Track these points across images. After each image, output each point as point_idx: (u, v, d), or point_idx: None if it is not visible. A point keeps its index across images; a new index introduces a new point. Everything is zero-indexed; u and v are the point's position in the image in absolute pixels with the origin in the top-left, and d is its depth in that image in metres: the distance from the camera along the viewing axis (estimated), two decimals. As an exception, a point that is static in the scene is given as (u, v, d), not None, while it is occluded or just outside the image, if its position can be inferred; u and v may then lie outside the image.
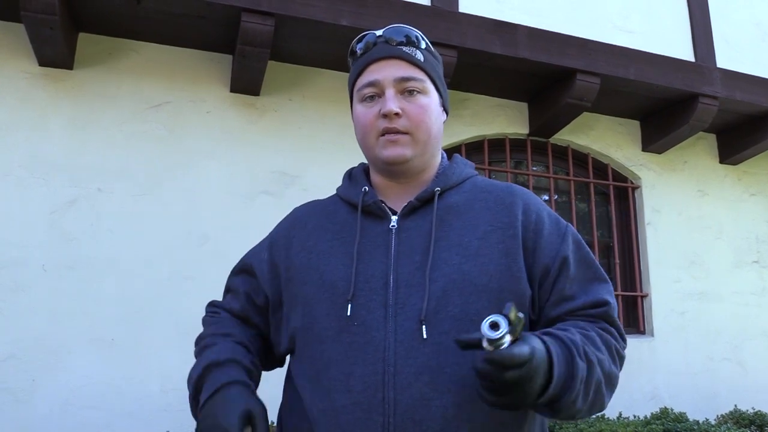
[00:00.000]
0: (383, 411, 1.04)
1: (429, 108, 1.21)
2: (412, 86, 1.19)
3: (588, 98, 4.05)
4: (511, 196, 1.22)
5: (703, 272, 4.66)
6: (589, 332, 1.11)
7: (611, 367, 1.10)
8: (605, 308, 1.15)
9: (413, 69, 1.20)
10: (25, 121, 3.40)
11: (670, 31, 4.57)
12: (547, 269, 1.15)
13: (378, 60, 1.21)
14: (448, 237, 1.15)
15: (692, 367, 4.45)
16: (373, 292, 1.12)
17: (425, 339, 1.07)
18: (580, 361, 1.02)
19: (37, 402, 3.15)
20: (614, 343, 1.13)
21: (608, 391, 1.11)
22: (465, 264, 1.12)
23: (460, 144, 4.28)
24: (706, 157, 4.93)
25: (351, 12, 3.48)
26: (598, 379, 1.06)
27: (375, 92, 1.20)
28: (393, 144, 1.19)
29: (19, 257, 3.25)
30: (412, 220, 1.19)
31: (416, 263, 1.13)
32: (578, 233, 1.25)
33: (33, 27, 3.17)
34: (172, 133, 3.63)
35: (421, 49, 1.23)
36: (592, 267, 1.20)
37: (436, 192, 1.20)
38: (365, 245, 1.18)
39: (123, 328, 3.32)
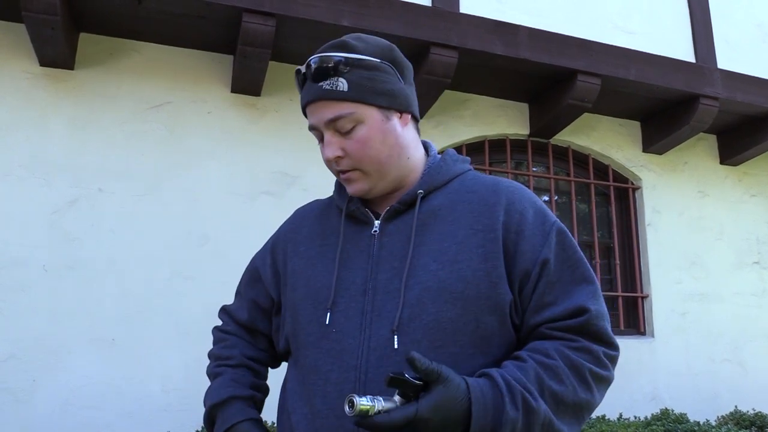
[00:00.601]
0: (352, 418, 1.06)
1: (369, 137, 1.14)
2: (342, 124, 1.14)
3: (589, 99, 4.05)
4: (495, 195, 1.18)
5: (703, 273, 4.66)
6: (551, 360, 1.06)
7: (577, 396, 1.06)
8: (585, 317, 1.09)
9: (339, 105, 1.13)
10: (26, 121, 3.41)
11: (670, 31, 4.57)
12: (527, 273, 1.12)
13: (308, 104, 1.17)
14: (428, 242, 1.14)
15: (693, 368, 4.45)
16: (352, 300, 1.13)
17: (396, 349, 1.07)
18: (512, 409, 1.00)
19: (37, 402, 3.15)
20: (588, 366, 1.08)
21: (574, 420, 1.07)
22: (441, 271, 1.10)
23: (461, 144, 4.28)
24: (706, 158, 4.93)
25: (352, 12, 3.48)
26: (546, 421, 1.02)
27: (319, 135, 1.18)
28: (348, 182, 1.19)
29: (20, 257, 3.25)
30: (394, 224, 1.18)
31: (395, 269, 1.13)
32: (567, 230, 1.19)
33: (34, 27, 3.17)
34: (173, 134, 3.63)
35: (346, 73, 1.12)
36: (576, 268, 1.14)
37: (418, 195, 1.18)
38: (349, 251, 1.19)
39: (123, 328, 3.33)
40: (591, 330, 1.10)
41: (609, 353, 1.11)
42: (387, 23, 3.50)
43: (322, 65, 1.13)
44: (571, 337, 1.09)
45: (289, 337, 1.22)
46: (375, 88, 1.15)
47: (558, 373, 1.05)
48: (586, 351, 1.09)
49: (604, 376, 1.10)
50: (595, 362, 1.09)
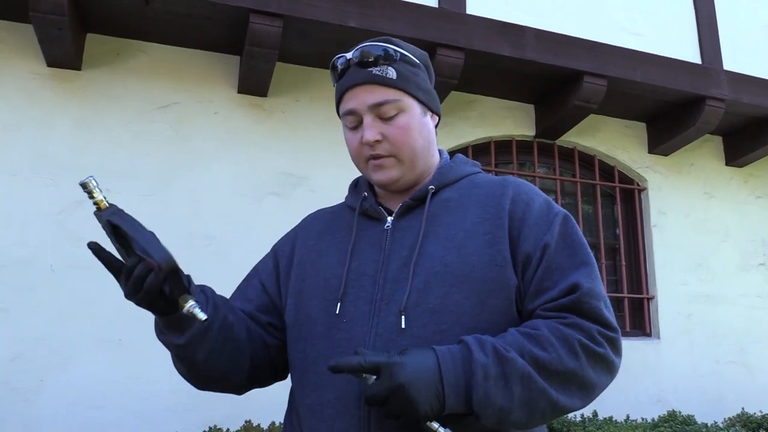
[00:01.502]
0: (360, 405, 1.07)
1: (409, 126, 1.20)
2: (387, 110, 1.18)
3: (595, 100, 4.05)
4: (502, 187, 1.22)
5: (709, 275, 4.65)
6: (536, 331, 1.06)
7: (563, 365, 1.04)
8: (577, 294, 1.08)
9: (387, 91, 1.18)
10: (33, 121, 3.41)
11: (676, 33, 4.56)
12: (528, 258, 1.13)
13: (352, 87, 1.20)
14: (437, 232, 1.17)
15: (698, 370, 4.44)
16: (362, 290, 1.16)
17: (403, 329, 1.09)
18: (480, 355, 1.01)
19: (44, 402, 3.15)
20: (578, 337, 1.05)
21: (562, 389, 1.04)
22: (448, 256, 1.13)
23: (467, 146, 4.28)
24: (712, 160, 4.93)
25: (358, 13, 3.48)
26: (525, 373, 1.01)
27: (355, 120, 1.21)
28: (380, 168, 1.21)
29: (27, 257, 3.26)
30: (405, 219, 1.21)
31: (403, 259, 1.15)
32: (573, 219, 1.21)
33: (42, 27, 3.18)
34: (179, 134, 3.63)
35: (396, 63, 1.19)
36: (576, 254, 1.15)
37: (429, 190, 1.22)
38: (361, 245, 1.22)
39: (130, 328, 3.32)
40: (584, 308, 1.08)
41: (605, 332, 1.08)
42: (394, 24, 3.50)
43: (374, 52, 1.19)
44: (563, 315, 1.08)
45: (291, 327, 1.23)
46: (417, 83, 1.23)
47: (541, 341, 1.04)
48: (577, 327, 1.07)
49: (599, 352, 1.07)
50: (588, 337, 1.06)
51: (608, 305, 1.13)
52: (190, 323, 1.11)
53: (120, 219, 1.04)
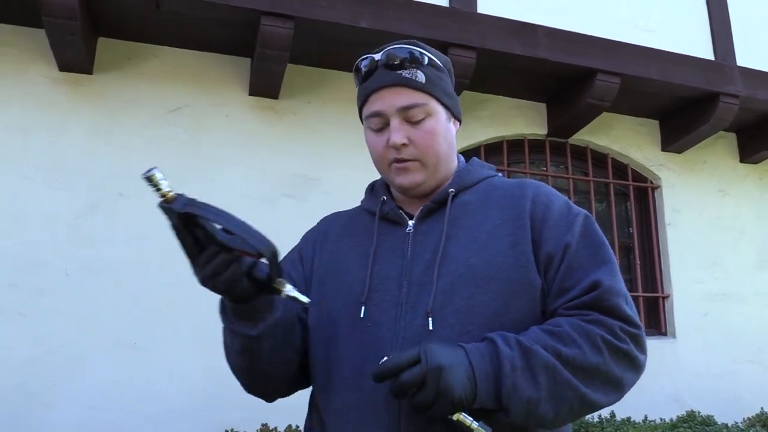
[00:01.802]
0: (389, 409, 1.06)
1: (436, 131, 1.19)
2: (415, 113, 1.18)
3: (608, 98, 4.02)
4: (522, 189, 1.22)
5: (724, 273, 4.61)
6: (558, 327, 1.06)
7: (587, 359, 1.03)
8: (598, 291, 1.08)
9: (415, 94, 1.17)
10: (46, 126, 3.42)
11: (689, 29, 4.52)
12: (550, 258, 1.13)
13: (379, 89, 1.18)
14: (458, 235, 1.17)
15: (714, 369, 4.40)
16: (386, 293, 1.15)
17: (431, 331, 1.08)
18: (506, 348, 1.01)
19: (59, 405, 3.15)
20: (600, 333, 1.05)
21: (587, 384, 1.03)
22: (472, 258, 1.13)
23: (479, 145, 4.26)
24: (726, 157, 4.89)
25: (371, 14, 3.47)
26: (549, 365, 1.01)
27: (381, 122, 1.20)
28: (404, 172, 1.20)
29: (42, 261, 3.26)
30: (427, 224, 1.21)
31: (427, 262, 1.15)
32: (592, 220, 1.21)
33: (54, 32, 3.18)
34: (192, 137, 3.63)
35: (424, 67, 1.19)
36: (597, 253, 1.15)
37: (449, 193, 1.22)
38: (383, 249, 1.21)
39: (144, 332, 3.33)
40: (604, 305, 1.08)
41: (627, 329, 1.08)
42: (405, 24, 3.49)
43: (402, 54, 1.18)
44: (585, 312, 1.08)
45: (313, 330, 1.22)
46: (443, 88, 1.22)
47: (563, 337, 1.04)
48: (598, 323, 1.06)
49: (622, 348, 1.06)
50: (610, 333, 1.06)
51: (630, 303, 1.12)
52: (263, 314, 1.09)
53: (197, 208, 0.99)
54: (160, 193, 0.98)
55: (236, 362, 1.16)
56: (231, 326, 1.11)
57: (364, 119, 1.24)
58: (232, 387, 1.24)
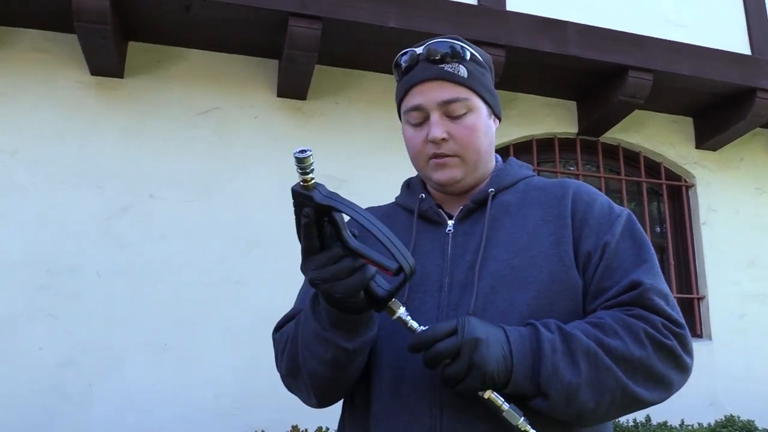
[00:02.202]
0: (430, 414, 1.04)
1: (476, 127, 1.17)
2: (457, 108, 1.16)
3: (641, 95, 3.94)
4: (563, 188, 1.20)
5: (763, 273, 4.49)
6: (600, 320, 1.03)
7: (629, 351, 0.99)
8: (638, 290, 1.04)
9: (457, 88, 1.16)
10: (79, 130, 3.46)
11: (724, 24, 4.42)
12: (589, 256, 1.11)
13: (421, 82, 1.16)
14: (499, 236, 1.15)
15: (753, 372, 4.29)
16: (426, 294, 1.12)
17: None
18: (546, 332, 0.99)
19: (93, 406, 3.19)
20: (642, 326, 1.01)
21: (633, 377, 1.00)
22: (514, 259, 1.11)
23: (509, 144, 4.21)
24: (763, 154, 4.76)
25: (398, 13, 3.45)
26: (591, 350, 0.98)
27: (421, 116, 1.18)
28: (442, 167, 1.18)
29: (75, 264, 3.30)
30: (467, 224, 1.19)
31: (468, 263, 1.13)
32: (635, 219, 1.18)
33: (86, 37, 3.22)
34: (222, 139, 3.65)
35: (466, 62, 1.17)
36: (638, 253, 1.11)
37: (489, 193, 1.20)
38: (421, 248, 1.19)
39: (176, 333, 3.35)
40: (646, 304, 1.04)
41: (671, 327, 1.04)
42: (434, 24, 3.46)
43: (445, 48, 1.16)
44: (626, 308, 1.05)
45: None
46: (485, 84, 1.20)
47: (605, 328, 1.01)
48: (640, 317, 1.03)
49: (666, 344, 1.02)
50: (653, 327, 1.02)
51: (672, 303, 1.08)
52: (365, 329, 1.05)
53: (341, 204, 0.92)
54: (303, 177, 0.92)
55: (318, 369, 1.07)
56: (325, 334, 1.04)
57: (402, 114, 1.22)
58: (263, 388, 1.22)
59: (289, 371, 1.14)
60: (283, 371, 1.17)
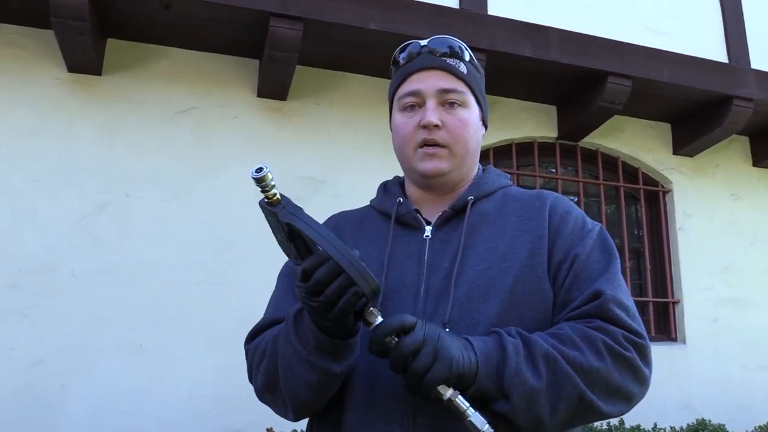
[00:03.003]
0: (404, 423, 1.03)
1: (469, 122, 1.20)
2: (454, 98, 1.19)
3: (619, 101, 3.98)
4: (540, 200, 1.21)
5: (736, 278, 4.55)
6: (559, 330, 1.04)
7: (588, 361, 1.00)
8: (599, 301, 1.06)
9: (456, 81, 1.19)
10: (55, 127, 3.41)
11: (703, 32, 4.48)
12: (559, 266, 1.12)
13: (421, 70, 1.20)
14: (476, 244, 1.15)
15: (726, 376, 4.35)
16: (402, 302, 1.12)
17: None
18: (508, 336, 1.01)
19: (66, 408, 3.15)
20: (602, 337, 1.02)
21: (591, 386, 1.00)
22: (491, 269, 1.11)
23: (488, 148, 4.23)
24: (738, 161, 4.83)
25: (380, 16, 3.45)
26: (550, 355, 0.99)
27: (416, 102, 1.20)
28: (431, 157, 1.19)
29: (49, 263, 3.26)
30: (445, 231, 1.19)
31: (445, 270, 1.13)
32: (607, 234, 1.20)
33: (63, 33, 3.18)
34: (200, 139, 3.62)
35: (465, 62, 1.21)
36: (605, 268, 1.12)
37: (469, 201, 1.20)
38: (397, 254, 1.18)
39: (152, 334, 3.32)
40: (606, 315, 1.05)
41: (630, 337, 1.05)
42: (415, 26, 3.46)
43: (450, 44, 1.21)
44: (588, 320, 1.06)
45: None
46: (481, 88, 1.26)
47: (563, 339, 1.03)
48: (601, 329, 1.05)
49: (625, 355, 1.03)
50: (612, 339, 1.03)
51: (633, 314, 1.09)
52: (351, 352, 1.04)
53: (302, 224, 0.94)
54: (265, 194, 0.96)
55: (299, 391, 1.06)
56: (311, 359, 1.03)
57: (396, 100, 1.24)
58: (240, 389, 1.20)
59: (265, 387, 1.13)
60: (259, 386, 1.15)
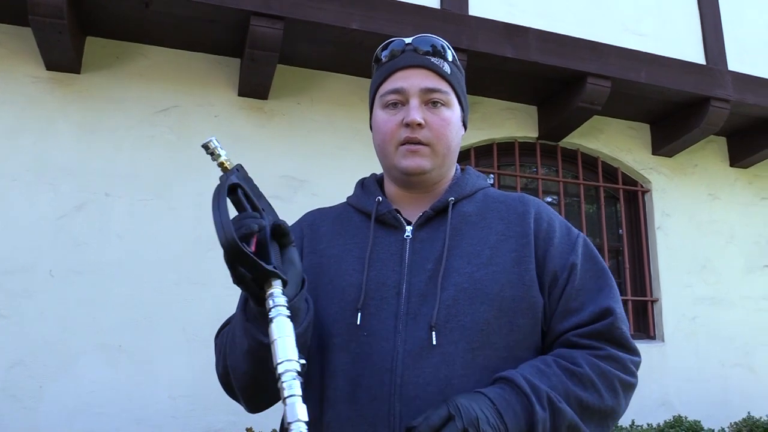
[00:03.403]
0: (389, 423, 1.03)
1: (451, 121, 1.20)
2: (437, 98, 1.18)
3: (599, 102, 4.01)
4: (524, 205, 1.21)
5: (714, 277, 4.61)
6: (578, 368, 1.06)
7: (604, 403, 1.06)
8: (610, 320, 1.11)
9: (440, 80, 1.19)
10: (33, 126, 3.38)
11: (681, 33, 4.53)
12: (555, 276, 1.14)
13: (405, 68, 1.19)
14: (461, 246, 1.15)
15: (703, 373, 4.40)
16: (384, 302, 1.12)
17: (434, 346, 1.06)
18: (540, 410, 1.00)
19: (44, 409, 3.12)
20: (617, 374, 1.08)
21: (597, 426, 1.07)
22: (477, 273, 1.11)
23: (469, 148, 4.25)
24: (716, 161, 4.89)
25: (361, 15, 3.45)
26: (572, 424, 1.03)
27: (399, 100, 1.19)
28: (412, 154, 1.18)
29: (27, 262, 3.23)
30: (426, 231, 1.19)
31: (429, 272, 1.13)
32: (590, 242, 1.23)
33: (41, 31, 3.14)
34: (180, 138, 3.60)
35: (449, 61, 1.21)
36: (600, 277, 1.17)
37: (450, 202, 1.20)
38: (378, 253, 1.18)
39: (131, 334, 3.30)
40: (615, 335, 1.11)
41: (634, 360, 1.12)
42: (396, 26, 3.46)
43: (435, 44, 1.21)
44: (598, 345, 1.10)
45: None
46: (463, 89, 1.26)
47: (583, 380, 1.05)
48: (613, 359, 1.09)
49: (632, 383, 1.11)
50: (623, 370, 1.10)
51: (627, 326, 1.16)
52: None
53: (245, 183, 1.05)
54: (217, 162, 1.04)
55: (237, 363, 1.07)
56: (245, 324, 1.03)
57: (378, 97, 1.23)
58: (219, 390, 1.20)
59: (224, 369, 1.14)
60: (220, 370, 1.16)
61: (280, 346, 0.90)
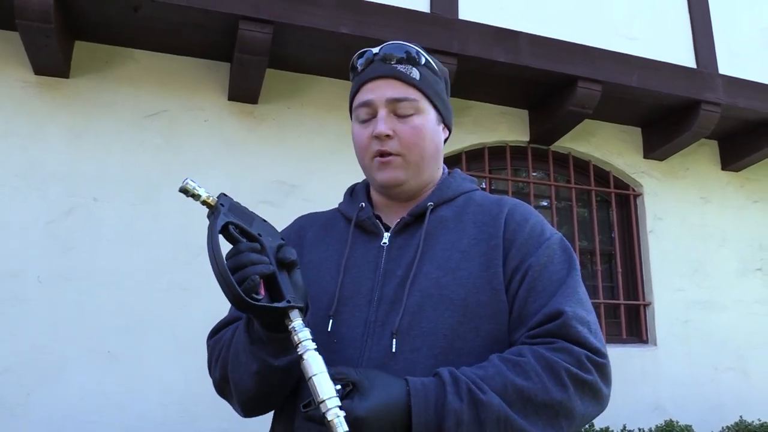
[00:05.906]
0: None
1: (422, 129, 1.18)
2: (404, 107, 1.17)
3: (589, 105, 4.01)
4: (499, 207, 1.19)
5: (706, 280, 4.61)
6: (521, 358, 1.01)
7: (548, 395, 0.98)
8: (561, 320, 1.03)
9: (407, 89, 1.18)
10: (21, 130, 3.36)
11: (672, 37, 4.54)
12: (511, 277, 1.10)
13: (373, 79, 1.18)
14: (432, 251, 1.14)
15: (696, 377, 4.40)
16: (356, 309, 1.12)
17: (394, 353, 1.05)
18: (455, 399, 0.96)
19: (32, 416, 3.09)
20: (565, 366, 1.00)
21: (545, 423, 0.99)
22: (443, 278, 1.10)
23: (461, 152, 4.24)
24: (708, 164, 4.90)
25: (351, 20, 3.44)
26: (501, 416, 0.96)
27: (369, 112, 1.19)
28: (385, 166, 1.18)
29: (15, 268, 3.20)
30: (403, 238, 1.18)
31: (399, 278, 1.13)
32: (569, 245, 1.17)
33: (28, 35, 3.13)
34: (170, 142, 3.59)
35: (420, 66, 1.19)
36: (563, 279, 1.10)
37: (428, 207, 1.19)
38: (355, 260, 1.18)
39: (120, 340, 3.28)
40: (570, 333, 1.03)
41: (593, 358, 1.03)
42: (386, 31, 3.46)
43: (401, 50, 1.19)
44: (549, 340, 1.03)
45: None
46: (437, 91, 1.22)
47: (525, 369, 0.99)
48: (564, 351, 1.02)
49: (587, 380, 1.01)
50: (575, 364, 1.01)
51: (595, 330, 1.07)
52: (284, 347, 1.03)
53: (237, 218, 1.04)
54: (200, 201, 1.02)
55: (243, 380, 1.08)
56: (252, 347, 1.05)
57: (353, 110, 1.23)
58: (211, 396, 1.20)
59: (222, 377, 1.15)
60: (216, 377, 1.17)
61: (319, 383, 0.93)
